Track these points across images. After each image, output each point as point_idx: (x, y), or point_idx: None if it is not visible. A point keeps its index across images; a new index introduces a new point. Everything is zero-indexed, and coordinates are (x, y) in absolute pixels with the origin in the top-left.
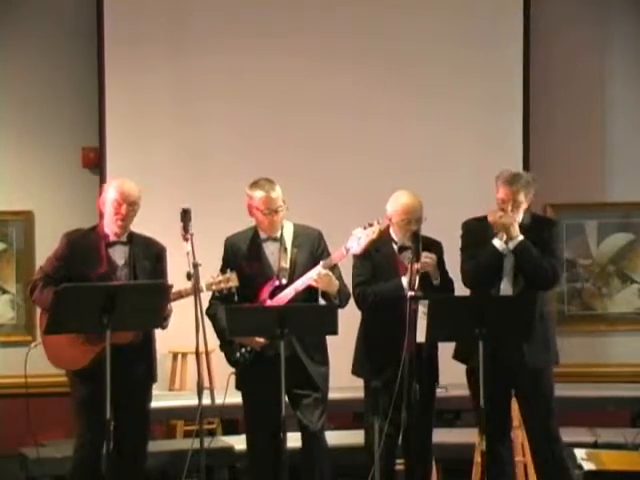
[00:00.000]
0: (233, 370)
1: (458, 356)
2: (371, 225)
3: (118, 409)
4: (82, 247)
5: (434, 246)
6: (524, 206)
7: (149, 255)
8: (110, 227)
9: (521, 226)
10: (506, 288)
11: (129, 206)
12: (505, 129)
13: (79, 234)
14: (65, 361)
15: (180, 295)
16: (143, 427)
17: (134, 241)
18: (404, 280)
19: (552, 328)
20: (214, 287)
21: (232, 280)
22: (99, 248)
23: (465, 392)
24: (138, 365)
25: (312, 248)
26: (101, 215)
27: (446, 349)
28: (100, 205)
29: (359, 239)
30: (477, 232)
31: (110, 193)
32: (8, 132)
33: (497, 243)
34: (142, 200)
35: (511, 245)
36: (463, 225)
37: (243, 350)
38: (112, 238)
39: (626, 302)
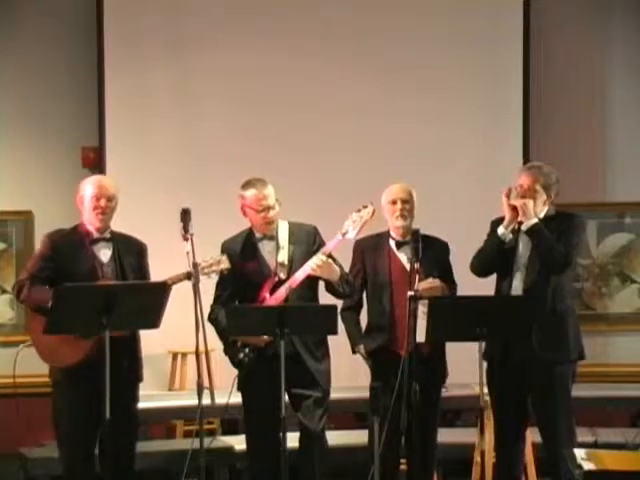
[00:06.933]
0: (237, 373)
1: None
2: (365, 207)
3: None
4: (65, 246)
5: (439, 246)
6: (541, 197)
7: (132, 251)
8: (92, 222)
9: (544, 218)
10: (517, 284)
11: (107, 200)
12: (505, 129)
13: (61, 234)
14: (58, 358)
15: (179, 279)
16: (130, 427)
17: (116, 238)
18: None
19: (571, 324)
20: (206, 270)
21: (223, 262)
22: (83, 246)
23: (465, 392)
24: (124, 365)
25: (309, 243)
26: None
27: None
28: (78, 204)
29: (354, 222)
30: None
31: (87, 189)
32: (8, 132)
33: (500, 230)
34: (142, 200)
35: (524, 227)
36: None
37: (247, 350)
38: (95, 235)
39: (626, 302)
